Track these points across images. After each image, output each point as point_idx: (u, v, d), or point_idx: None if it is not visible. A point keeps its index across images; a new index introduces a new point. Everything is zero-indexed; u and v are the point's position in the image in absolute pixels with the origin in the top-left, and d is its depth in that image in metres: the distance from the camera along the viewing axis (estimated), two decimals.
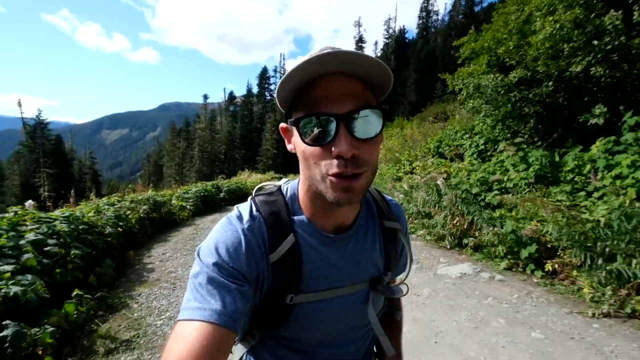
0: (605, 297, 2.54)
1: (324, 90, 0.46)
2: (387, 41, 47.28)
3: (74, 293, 2.69)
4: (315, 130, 0.46)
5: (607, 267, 2.57)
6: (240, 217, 0.56)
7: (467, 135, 7.71)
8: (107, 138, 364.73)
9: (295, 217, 0.58)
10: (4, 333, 1.92)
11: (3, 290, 2.15)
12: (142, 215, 5.06)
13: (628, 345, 2.18)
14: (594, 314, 2.53)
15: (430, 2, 49.85)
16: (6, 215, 3.34)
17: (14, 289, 2.19)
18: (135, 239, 4.88)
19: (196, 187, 9.53)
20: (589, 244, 2.80)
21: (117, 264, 3.92)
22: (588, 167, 4.02)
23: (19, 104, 34.43)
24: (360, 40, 45.78)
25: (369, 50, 46.64)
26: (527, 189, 4.35)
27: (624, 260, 2.57)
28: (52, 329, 2.15)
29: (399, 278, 0.72)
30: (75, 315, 2.50)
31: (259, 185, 0.66)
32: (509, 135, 6.00)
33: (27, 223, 3.26)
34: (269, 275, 0.55)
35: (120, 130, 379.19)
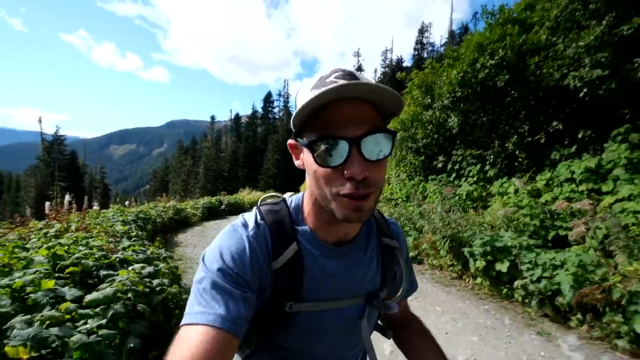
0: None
1: (338, 114, 0.47)
2: (384, 70, 50.21)
3: (157, 238, 4.47)
4: (329, 153, 0.47)
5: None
6: (245, 225, 0.57)
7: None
8: (114, 153, 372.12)
9: (299, 227, 0.59)
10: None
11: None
12: (170, 215, 7.02)
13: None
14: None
15: (425, 35, 53.19)
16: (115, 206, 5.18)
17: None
18: (167, 229, 7.48)
19: (203, 201, 11.75)
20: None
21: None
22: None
23: (40, 121, 36.96)
24: (359, 69, 48.67)
25: (369, 77, 49.35)
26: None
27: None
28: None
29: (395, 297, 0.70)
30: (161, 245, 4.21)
31: (264, 196, 0.68)
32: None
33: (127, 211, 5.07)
34: (271, 283, 0.56)
35: (127, 145, 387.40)
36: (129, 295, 2.10)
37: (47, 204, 5.38)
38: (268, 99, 52.32)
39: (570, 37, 4.63)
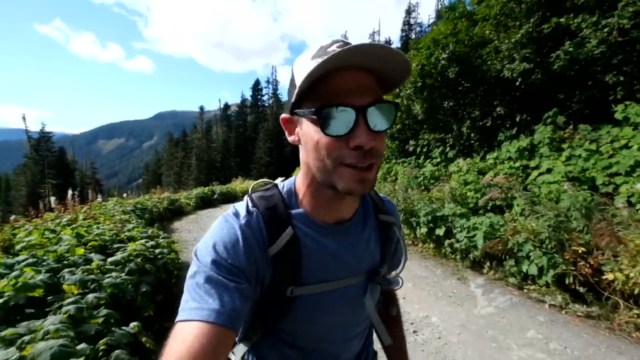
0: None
1: (343, 83, 0.46)
2: None
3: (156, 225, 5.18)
4: (334, 121, 0.46)
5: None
6: (236, 214, 0.57)
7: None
8: (103, 148, 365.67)
9: (293, 211, 0.58)
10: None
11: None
12: (165, 205, 7.67)
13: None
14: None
15: (413, 15, 52.94)
16: (112, 199, 5.83)
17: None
18: (163, 218, 8.05)
19: (196, 191, 12.31)
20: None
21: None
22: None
23: (24, 119, 36.55)
24: None
25: None
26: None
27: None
28: None
29: (393, 272, 0.72)
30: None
31: (255, 183, 0.66)
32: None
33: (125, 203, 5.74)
34: (269, 269, 0.55)
35: (116, 139, 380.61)
36: (139, 259, 2.84)
37: (53, 198, 6.04)
38: (257, 87, 52.02)
39: (507, 33, 5.31)
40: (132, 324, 1.95)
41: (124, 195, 9.33)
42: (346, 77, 0.47)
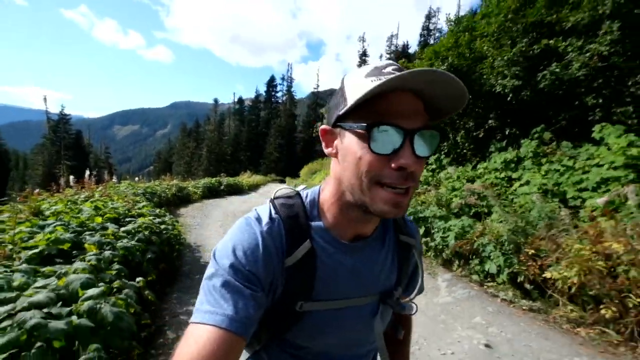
0: None
1: (396, 104, 0.47)
2: (389, 56, 50.27)
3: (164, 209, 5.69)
4: (382, 140, 0.47)
5: None
6: (259, 219, 0.56)
7: None
8: (118, 133, 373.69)
9: (313, 223, 0.58)
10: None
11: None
12: (174, 192, 8.23)
13: None
14: None
15: (433, 20, 52.77)
16: (125, 181, 6.39)
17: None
18: (171, 203, 8.54)
19: (204, 181, 12.86)
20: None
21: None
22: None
23: (45, 100, 37.87)
24: (364, 54, 48.78)
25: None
26: None
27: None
28: None
29: (407, 298, 0.70)
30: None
31: (279, 189, 0.65)
32: None
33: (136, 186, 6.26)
34: (282, 280, 0.55)
35: (130, 126, 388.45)
36: (147, 232, 3.30)
37: (72, 177, 6.62)
38: (271, 83, 52.59)
39: (500, 50, 5.61)
40: (138, 279, 2.40)
41: (136, 179, 9.93)
42: (400, 99, 0.47)
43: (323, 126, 0.56)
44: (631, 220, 2.86)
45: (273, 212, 0.57)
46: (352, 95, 0.49)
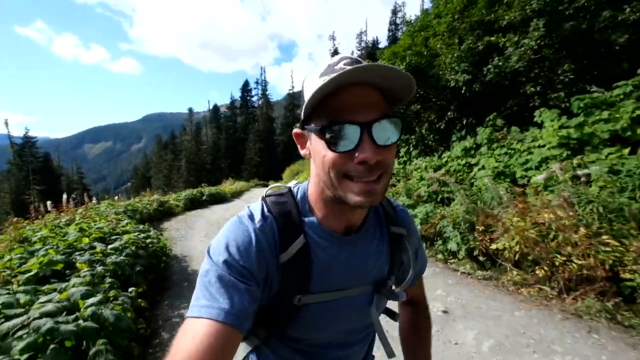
0: None
1: (348, 99, 0.48)
2: (360, 52, 51.17)
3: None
4: (340, 138, 0.47)
5: None
6: (251, 217, 0.58)
7: None
8: (89, 152, 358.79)
9: (306, 218, 0.59)
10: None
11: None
12: (155, 207, 8.27)
13: None
14: None
15: (399, 15, 54.04)
16: (104, 202, 6.43)
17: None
18: (153, 218, 8.55)
19: (185, 193, 12.86)
20: None
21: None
22: None
23: (6, 124, 36.14)
24: (335, 53, 49.43)
25: None
26: None
27: None
28: None
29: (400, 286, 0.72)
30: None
31: (270, 186, 0.67)
32: None
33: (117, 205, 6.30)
34: (278, 276, 0.56)
35: (103, 143, 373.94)
36: (133, 247, 3.51)
37: (49, 202, 6.61)
38: (246, 88, 52.27)
39: (450, 48, 6.12)
40: (130, 289, 2.64)
41: (115, 198, 9.88)
42: (353, 93, 0.48)
43: (295, 130, 0.59)
44: (557, 193, 3.35)
45: (265, 209, 0.59)
46: (308, 97, 0.50)
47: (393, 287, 0.70)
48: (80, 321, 1.69)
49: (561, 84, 4.82)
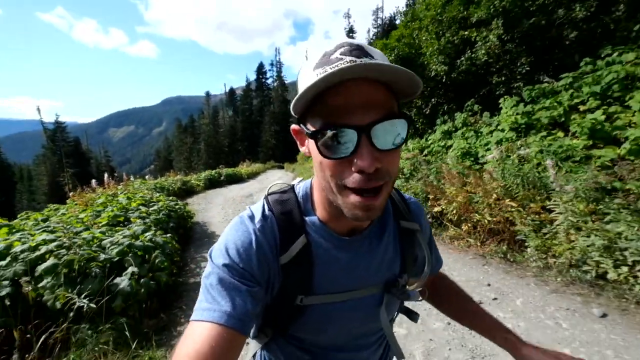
0: None
1: (344, 98, 0.42)
2: (376, 30, 50.05)
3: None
4: (335, 143, 0.43)
5: None
6: (252, 217, 0.57)
7: None
8: (114, 136, 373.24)
9: (308, 218, 0.57)
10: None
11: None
12: (179, 186, 9.69)
13: None
14: None
15: None
16: (137, 180, 7.85)
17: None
18: (177, 195, 9.79)
19: (204, 174, 14.36)
20: None
21: None
22: None
23: (38, 110, 38.58)
24: (350, 31, 48.48)
25: (362, 39, 49.11)
26: None
27: None
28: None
29: (414, 284, 0.67)
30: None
31: (273, 184, 0.65)
32: None
33: (147, 183, 7.66)
34: (280, 277, 0.55)
35: (126, 127, 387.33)
36: (166, 210, 4.73)
37: (94, 181, 8.04)
38: (261, 70, 52.40)
39: (431, 42, 6.81)
40: (167, 234, 3.83)
41: (146, 177, 11.36)
42: (350, 91, 0.42)
43: (293, 126, 0.55)
44: (490, 167, 4.22)
45: (266, 209, 0.58)
46: (299, 94, 0.44)
47: (406, 286, 0.65)
48: (143, 242, 2.86)
49: (520, 74, 5.51)
